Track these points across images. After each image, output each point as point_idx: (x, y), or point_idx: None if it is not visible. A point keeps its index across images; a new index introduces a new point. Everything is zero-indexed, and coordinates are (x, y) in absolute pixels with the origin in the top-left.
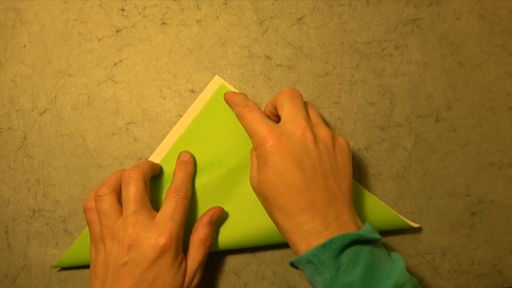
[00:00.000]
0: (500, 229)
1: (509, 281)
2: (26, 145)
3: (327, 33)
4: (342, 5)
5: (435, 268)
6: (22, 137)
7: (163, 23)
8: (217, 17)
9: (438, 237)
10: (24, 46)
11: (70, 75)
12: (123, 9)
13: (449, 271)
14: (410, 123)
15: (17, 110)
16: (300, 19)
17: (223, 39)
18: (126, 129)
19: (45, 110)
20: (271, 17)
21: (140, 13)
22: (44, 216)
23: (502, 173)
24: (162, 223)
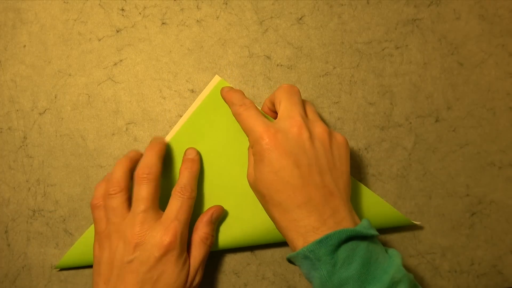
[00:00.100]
0: (500, 229)
1: (509, 281)
2: (26, 145)
3: (327, 33)
4: (342, 5)
5: (435, 268)
6: (22, 137)
7: (163, 23)
8: (217, 17)
9: (438, 237)
10: (24, 46)
11: (70, 75)
12: (123, 9)
13: (449, 271)
14: (410, 123)
15: (17, 110)
16: (300, 19)
17: (223, 39)
18: (126, 129)
19: (45, 110)
20: (271, 17)
21: (140, 13)
22: (44, 216)
23: (502, 173)
24: (168, 222)
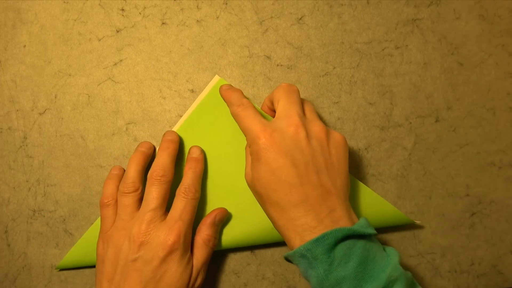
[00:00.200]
0: (500, 229)
1: (509, 281)
2: (26, 145)
3: (327, 33)
4: (342, 5)
5: (435, 268)
6: (22, 137)
7: (163, 23)
8: (217, 17)
9: (438, 237)
10: (24, 46)
11: (70, 75)
12: (123, 9)
13: (449, 271)
14: (410, 123)
15: (17, 110)
16: (300, 19)
17: (223, 39)
18: (126, 129)
19: (45, 110)
20: (271, 17)
21: (140, 13)
22: (44, 216)
23: (502, 173)
24: (172, 222)
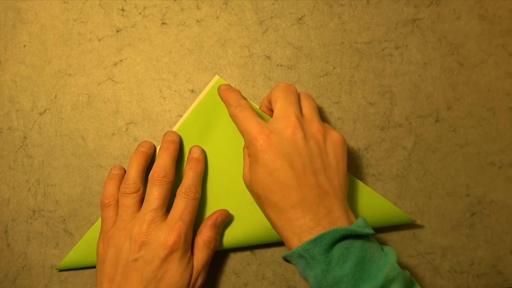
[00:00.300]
0: (500, 229)
1: (509, 281)
2: (26, 145)
3: (327, 33)
4: (342, 5)
5: (435, 268)
6: (22, 137)
7: (163, 23)
8: (217, 17)
9: (438, 237)
10: (24, 46)
11: (70, 75)
12: (123, 9)
13: (449, 271)
14: (410, 123)
15: (17, 110)
16: (300, 19)
17: (223, 39)
18: (126, 129)
19: (45, 110)
20: (271, 17)
21: (140, 13)
22: (44, 216)
23: (502, 173)
24: (172, 222)
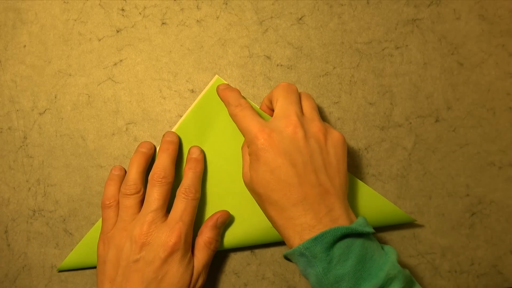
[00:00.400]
0: (500, 229)
1: (509, 281)
2: (26, 145)
3: (327, 33)
4: (342, 5)
5: (435, 268)
6: (22, 137)
7: (163, 23)
8: (217, 17)
9: (438, 237)
10: (24, 46)
11: (70, 75)
12: (123, 9)
13: (449, 271)
14: (410, 123)
15: (17, 110)
16: (300, 19)
17: (223, 39)
18: (126, 129)
19: (45, 110)
20: (271, 17)
21: (140, 13)
22: (44, 216)
23: (502, 173)
24: (173, 223)
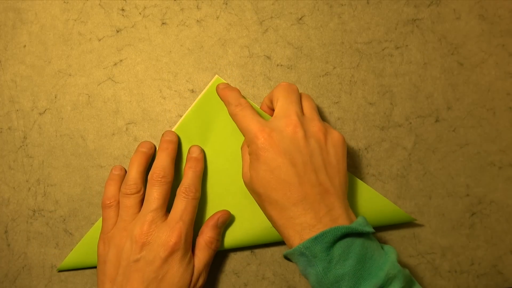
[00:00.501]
0: (500, 229)
1: (509, 281)
2: (26, 145)
3: (327, 33)
4: (342, 5)
5: (435, 268)
6: (22, 137)
7: (163, 23)
8: (217, 17)
9: (438, 237)
10: (24, 46)
11: (70, 75)
12: (123, 9)
13: (449, 271)
14: (410, 123)
15: (17, 110)
16: (300, 19)
17: (223, 39)
18: (126, 129)
19: (45, 110)
20: (271, 17)
21: (140, 13)
22: (44, 216)
23: (502, 173)
24: (173, 223)
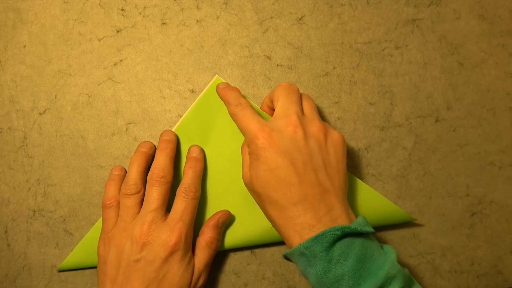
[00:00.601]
0: (500, 229)
1: (509, 281)
2: (26, 145)
3: (327, 33)
4: (342, 5)
5: (435, 268)
6: (22, 137)
7: (163, 23)
8: (217, 17)
9: (438, 237)
10: (24, 46)
11: (70, 75)
12: (123, 9)
13: (449, 271)
14: (410, 123)
15: (17, 110)
16: (300, 19)
17: (223, 39)
18: (126, 129)
19: (45, 110)
20: (271, 17)
21: (140, 13)
22: (44, 216)
23: (502, 173)
24: (173, 223)
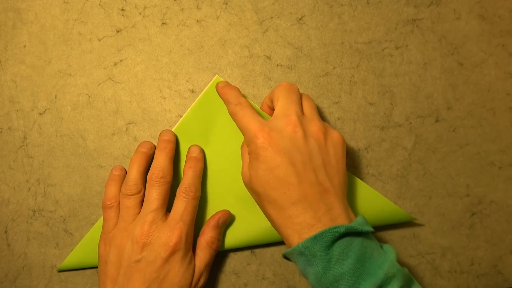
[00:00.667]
0: (500, 229)
1: (509, 281)
2: (26, 145)
3: (327, 33)
4: (342, 5)
5: (435, 268)
6: (22, 137)
7: (163, 23)
8: (217, 17)
9: (438, 237)
10: (24, 46)
11: (70, 75)
12: (123, 9)
13: (449, 271)
14: (410, 123)
15: (17, 110)
16: (300, 19)
17: (223, 39)
18: (126, 129)
19: (45, 110)
20: (271, 17)
21: (140, 13)
22: (44, 216)
23: (502, 173)
24: (173, 223)
